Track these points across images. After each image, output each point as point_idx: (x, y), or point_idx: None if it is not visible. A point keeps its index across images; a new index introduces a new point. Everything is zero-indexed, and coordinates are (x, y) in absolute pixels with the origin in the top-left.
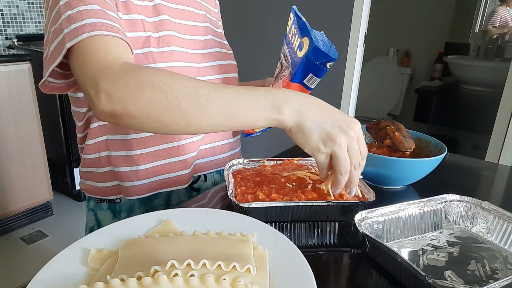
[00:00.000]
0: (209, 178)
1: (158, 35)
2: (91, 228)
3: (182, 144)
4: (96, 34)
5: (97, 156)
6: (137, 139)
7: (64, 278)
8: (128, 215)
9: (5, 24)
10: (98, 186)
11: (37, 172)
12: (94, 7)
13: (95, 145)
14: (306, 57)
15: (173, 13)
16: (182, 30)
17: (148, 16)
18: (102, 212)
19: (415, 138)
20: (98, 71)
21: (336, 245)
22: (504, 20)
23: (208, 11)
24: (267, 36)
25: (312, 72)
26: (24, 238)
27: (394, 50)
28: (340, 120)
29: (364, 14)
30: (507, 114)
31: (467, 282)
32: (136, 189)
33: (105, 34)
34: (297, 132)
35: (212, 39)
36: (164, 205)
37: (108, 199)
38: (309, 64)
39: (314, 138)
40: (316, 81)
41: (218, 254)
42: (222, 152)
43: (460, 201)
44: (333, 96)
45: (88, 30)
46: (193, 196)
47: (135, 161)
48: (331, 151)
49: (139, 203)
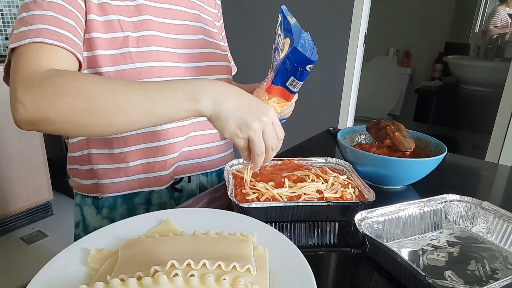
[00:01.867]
0: (194, 180)
1: (138, 34)
2: (77, 222)
3: (162, 144)
4: (37, 41)
5: (80, 154)
6: (117, 138)
7: (64, 278)
8: (110, 211)
9: (5, 24)
10: (81, 184)
11: (37, 172)
12: (48, 13)
13: (78, 143)
14: (286, 59)
15: (158, 12)
16: (167, 29)
17: (128, 16)
18: (87, 208)
19: (415, 138)
20: (20, 79)
21: (336, 245)
22: (504, 20)
23: (203, 11)
24: (267, 36)
25: (293, 75)
26: (24, 238)
27: (394, 50)
28: (254, 107)
29: (364, 14)
30: (507, 114)
31: (467, 282)
32: (115, 186)
33: (46, 42)
34: (215, 120)
35: (204, 39)
36: (145, 204)
37: (91, 195)
38: (289, 66)
39: (231, 125)
40: (298, 85)
41: (218, 254)
42: (209, 154)
43: (460, 201)
44: (333, 96)
45: (32, 36)
46: (175, 197)
47: (117, 159)
48: (248, 136)
49: (120, 201)
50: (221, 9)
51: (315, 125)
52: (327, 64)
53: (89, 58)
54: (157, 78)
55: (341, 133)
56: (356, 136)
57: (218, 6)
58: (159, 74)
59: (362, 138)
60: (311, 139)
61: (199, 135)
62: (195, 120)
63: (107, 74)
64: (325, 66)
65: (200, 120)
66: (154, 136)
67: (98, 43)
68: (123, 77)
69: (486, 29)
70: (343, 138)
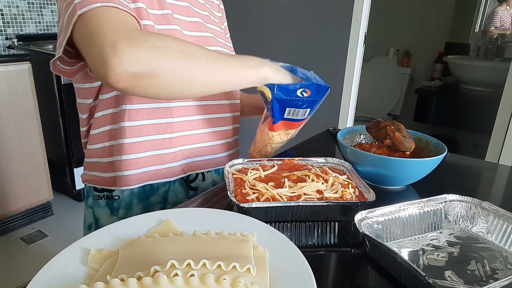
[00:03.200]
0: (207, 178)
1: (161, 27)
2: (89, 225)
3: (174, 136)
4: (110, 5)
5: (102, 146)
6: (130, 127)
7: (64, 278)
8: (126, 212)
9: (5, 24)
10: (101, 176)
11: (37, 172)
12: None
13: (99, 135)
14: (274, 99)
15: (175, 9)
16: (184, 26)
17: (151, 8)
18: (100, 209)
19: (415, 138)
20: (117, 34)
21: (336, 245)
22: (503, 20)
23: (211, 13)
24: (267, 37)
25: (288, 106)
26: (24, 238)
27: (394, 50)
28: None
29: (364, 14)
30: (507, 114)
31: (467, 282)
32: (127, 180)
33: (120, 8)
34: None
35: (214, 38)
36: (161, 203)
37: (107, 195)
38: (280, 101)
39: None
40: (300, 112)
41: (218, 254)
42: (220, 151)
43: (460, 201)
44: (333, 96)
45: (102, 0)
46: (191, 195)
47: (127, 150)
48: None
49: (136, 201)
50: (224, 13)
51: (315, 125)
52: (327, 64)
53: None
54: None
55: (341, 133)
56: (356, 136)
57: (222, 10)
58: None
59: (362, 138)
60: (311, 139)
61: (209, 132)
62: (205, 117)
63: None
64: (325, 66)
65: (210, 116)
66: (167, 128)
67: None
68: None
69: (486, 29)
70: (343, 138)
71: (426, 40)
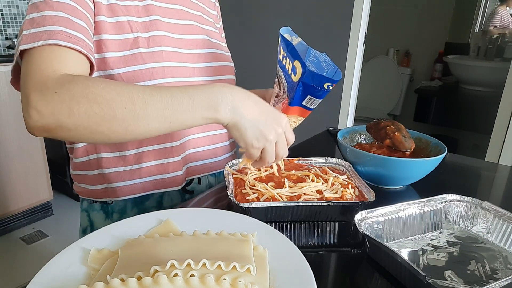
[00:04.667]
0: (203, 181)
1: (147, 35)
2: (84, 228)
3: (176, 145)
4: (50, 43)
5: (87, 159)
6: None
7: (64, 278)
8: (120, 216)
9: (5, 24)
10: (90, 189)
11: (37, 172)
12: (60, 14)
13: (83, 148)
14: (301, 82)
15: (165, 12)
16: (175, 30)
17: (137, 16)
18: (95, 213)
19: (415, 138)
20: (34, 85)
21: (336, 245)
22: (504, 20)
23: (205, 13)
24: (267, 37)
25: (310, 94)
26: (24, 238)
27: (394, 50)
28: (271, 117)
29: (364, 14)
30: (507, 114)
31: (467, 282)
32: (130, 189)
33: (60, 44)
34: (233, 128)
35: (208, 40)
36: (156, 207)
37: (100, 201)
38: (306, 88)
39: (249, 135)
40: (316, 102)
41: (218, 254)
42: (217, 155)
43: (460, 201)
44: (333, 96)
45: (45, 38)
46: (186, 198)
47: (130, 161)
48: (263, 146)
49: (131, 205)
50: (219, 11)
51: (315, 125)
52: None
53: (99, 60)
54: (169, 78)
55: (341, 133)
56: (356, 136)
57: (217, 8)
58: (171, 74)
59: (362, 138)
60: (311, 139)
61: (207, 136)
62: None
63: (119, 75)
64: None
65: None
66: (168, 136)
67: (108, 45)
68: (135, 78)
69: (486, 29)
70: (343, 138)
71: (426, 40)
